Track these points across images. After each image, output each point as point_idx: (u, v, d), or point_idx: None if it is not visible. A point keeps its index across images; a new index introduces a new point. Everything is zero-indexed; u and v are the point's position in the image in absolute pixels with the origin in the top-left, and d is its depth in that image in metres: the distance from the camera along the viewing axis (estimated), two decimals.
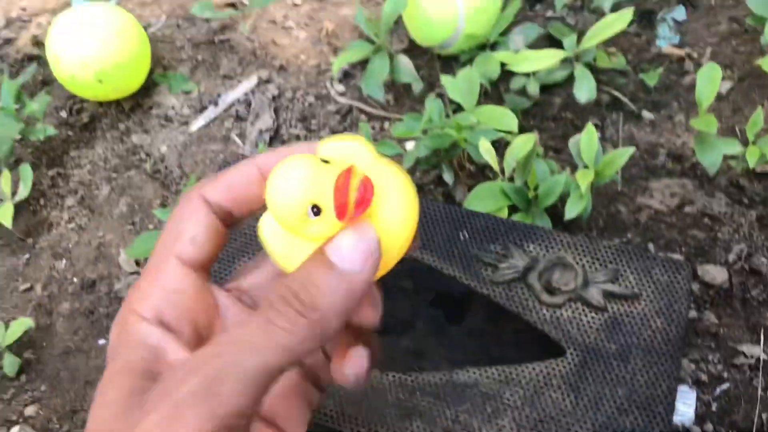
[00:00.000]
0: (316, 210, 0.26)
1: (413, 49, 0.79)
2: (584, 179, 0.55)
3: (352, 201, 0.26)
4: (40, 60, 0.84)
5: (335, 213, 0.25)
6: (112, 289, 0.68)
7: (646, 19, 0.79)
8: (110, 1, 0.88)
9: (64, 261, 0.71)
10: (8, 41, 0.88)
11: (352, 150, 0.28)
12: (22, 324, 0.64)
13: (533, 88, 0.69)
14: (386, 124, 0.75)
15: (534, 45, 0.75)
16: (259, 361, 0.24)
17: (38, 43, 0.86)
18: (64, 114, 0.81)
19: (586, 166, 0.59)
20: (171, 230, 0.30)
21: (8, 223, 0.68)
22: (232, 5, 0.89)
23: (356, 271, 0.26)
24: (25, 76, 0.79)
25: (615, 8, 0.73)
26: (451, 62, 0.77)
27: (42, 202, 0.75)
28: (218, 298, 0.30)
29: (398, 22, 0.79)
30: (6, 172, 0.71)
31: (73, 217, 0.73)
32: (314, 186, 0.26)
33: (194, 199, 0.29)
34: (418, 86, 0.74)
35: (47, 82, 0.83)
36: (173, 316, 0.28)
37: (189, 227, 0.29)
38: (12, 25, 0.90)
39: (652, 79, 0.71)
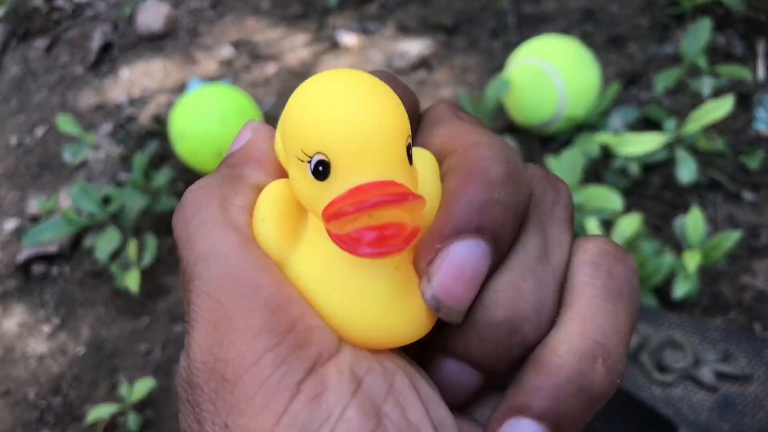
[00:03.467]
0: (323, 167, 0.16)
1: (511, 128, 0.82)
2: (692, 261, 0.57)
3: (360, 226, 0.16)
4: (160, 135, 0.90)
5: (324, 213, 0.16)
6: None
7: (743, 101, 0.80)
8: (224, 82, 0.95)
9: (180, 324, 0.75)
10: (131, 119, 0.95)
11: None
12: (146, 384, 0.68)
13: (634, 169, 0.71)
14: None
15: (631, 126, 0.77)
16: None
17: (158, 119, 0.93)
18: (181, 185, 0.86)
19: (691, 248, 0.60)
20: None
21: (135, 288, 0.73)
22: None
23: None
24: (149, 151, 0.85)
25: (713, 92, 0.75)
26: (548, 141, 0.80)
27: (160, 268, 0.80)
28: None
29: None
30: (133, 241, 0.76)
31: None
32: (334, 130, 0.16)
33: None
34: None
35: (165, 156, 0.90)
36: None
37: None
38: (134, 103, 0.97)
39: (753, 161, 0.72)
